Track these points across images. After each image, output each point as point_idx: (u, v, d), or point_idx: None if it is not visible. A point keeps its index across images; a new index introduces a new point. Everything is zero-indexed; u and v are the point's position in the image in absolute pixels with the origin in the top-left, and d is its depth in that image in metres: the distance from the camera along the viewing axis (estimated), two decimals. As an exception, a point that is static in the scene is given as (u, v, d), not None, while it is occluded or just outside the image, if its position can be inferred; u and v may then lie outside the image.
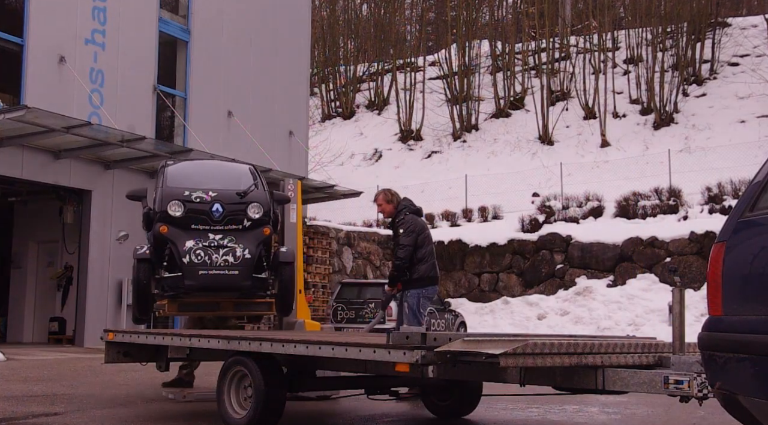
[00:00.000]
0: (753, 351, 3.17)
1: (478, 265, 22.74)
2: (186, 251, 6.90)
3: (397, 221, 7.73)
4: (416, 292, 7.58)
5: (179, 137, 18.77)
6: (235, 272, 6.96)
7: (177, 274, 6.94)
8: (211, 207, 7.01)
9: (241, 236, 7.05)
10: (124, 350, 6.83)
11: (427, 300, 7.73)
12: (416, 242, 7.58)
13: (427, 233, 7.79)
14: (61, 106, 14.83)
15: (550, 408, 7.03)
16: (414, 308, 7.58)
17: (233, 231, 7.08)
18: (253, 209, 7.17)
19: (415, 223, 7.69)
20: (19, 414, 6.28)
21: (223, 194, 7.18)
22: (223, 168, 8.25)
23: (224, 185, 7.38)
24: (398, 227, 7.68)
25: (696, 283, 19.02)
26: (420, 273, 7.58)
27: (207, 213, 7.02)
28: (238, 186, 7.38)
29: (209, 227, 7.01)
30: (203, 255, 6.92)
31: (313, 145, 27.24)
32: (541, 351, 4.10)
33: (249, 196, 7.24)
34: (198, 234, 6.99)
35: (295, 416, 6.37)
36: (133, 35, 17.22)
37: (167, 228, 6.92)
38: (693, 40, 32.28)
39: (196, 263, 6.90)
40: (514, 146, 30.89)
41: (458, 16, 36.02)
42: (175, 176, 7.39)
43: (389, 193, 7.99)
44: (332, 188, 20.33)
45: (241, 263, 6.98)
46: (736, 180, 21.08)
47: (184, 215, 6.98)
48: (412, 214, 7.77)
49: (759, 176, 3.54)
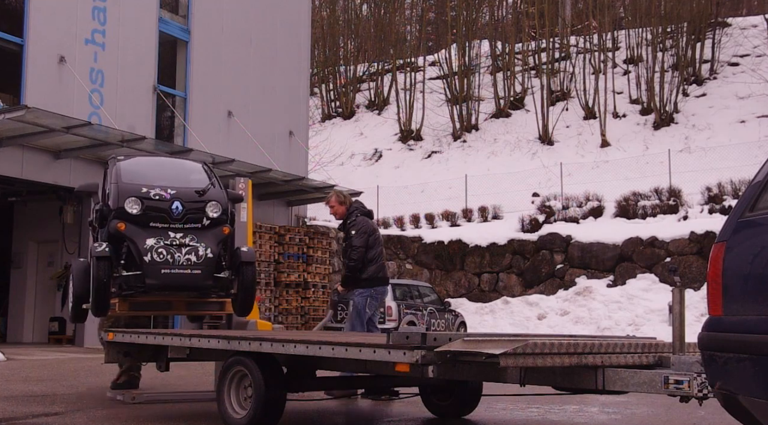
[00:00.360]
0: (753, 351, 3.17)
1: (478, 265, 22.74)
2: (147, 249, 6.78)
3: (349, 222, 7.89)
4: (364, 292, 7.77)
5: (179, 137, 18.77)
6: (197, 271, 6.88)
7: (137, 272, 6.80)
8: (171, 205, 6.91)
9: (201, 235, 6.98)
10: (124, 350, 6.85)
11: (375, 301, 7.89)
12: (367, 243, 7.77)
13: (377, 235, 8.04)
14: (61, 106, 14.83)
15: (550, 408, 7.03)
16: (360, 308, 7.74)
17: (193, 230, 6.98)
18: (211, 207, 7.07)
19: (366, 224, 7.89)
20: (19, 414, 6.28)
21: (182, 191, 7.08)
22: (178, 165, 8.13)
23: (181, 182, 7.30)
24: (350, 229, 7.84)
25: (696, 283, 19.02)
26: (369, 274, 7.79)
27: (166, 211, 6.90)
28: (194, 184, 7.32)
29: (168, 225, 6.90)
30: (165, 254, 6.79)
31: (313, 145, 27.23)
32: (541, 351, 4.10)
33: (207, 194, 7.16)
34: (158, 232, 6.88)
35: (295, 416, 6.37)
36: (133, 35, 17.22)
37: (125, 225, 6.80)
38: (693, 40, 32.27)
39: (158, 261, 6.78)
40: (514, 146, 30.89)
41: (458, 16, 36.02)
42: (130, 172, 7.26)
43: (341, 195, 8.19)
44: (332, 188, 20.32)
45: (203, 263, 6.90)
46: (736, 180, 21.08)
47: (142, 213, 6.85)
48: (363, 216, 7.96)
49: (759, 176, 3.54)
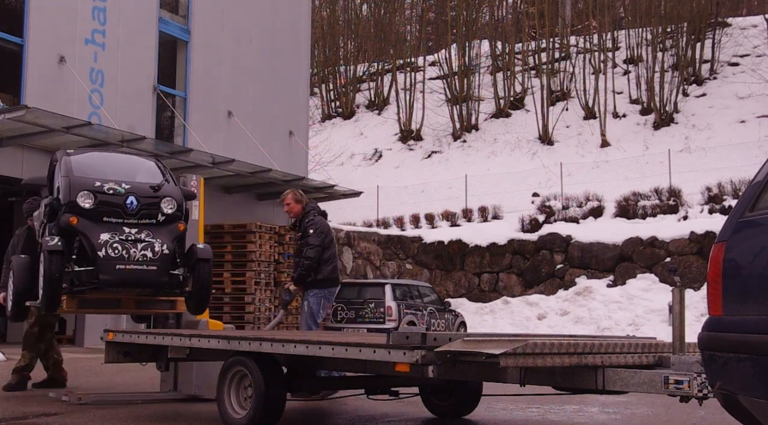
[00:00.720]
0: (753, 351, 3.17)
1: (478, 265, 22.74)
2: (101, 244, 6.59)
3: (307, 221, 7.87)
4: (319, 292, 7.77)
5: (179, 137, 18.77)
6: (153, 267, 6.72)
7: (89, 268, 6.60)
8: (125, 200, 6.75)
9: (156, 231, 6.83)
10: (124, 350, 6.81)
11: (328, 301, 7.90)
12: (323, 243, 7.77)
13: (332, 235, 8.01)
14: (61, 106, 14.83)
15: (550, 408, 7.03)
16: (314, 309, 7.72)
17: (148, 226, 6.83)
18: (166, 203, 6.92)
19: (323, 225, 7.88)
20: (19, 414, 6.28)
21: (136, 186, 6.93)
22: (130, 160, 7.98)
23: (134, 177, 7.16)
24: (308, 228, 7.81)
25: (696, 283, 19.02)
26: (324, 274, 7.78)
27: (120, 206, 6.74)
28: (148, 179, 7.18)
29: (122, 220, 6.74)
30: (120, 249, 6.62)
31: (313, 145, 27.23)
32: (541, 351, 4.10)
33: (162, 190, 7.00)
34: (112, 227, 6.69)
35: (295, 416, 6.37)
36: (133, 35, 17.22)
37: (77, 220, 6.61)
38: (693, 40, 32.28)
39: (113, 257, 6.59)
40: (514, 146, 30.90)
41: (458, 16, 36.03)
42: (82, 165, 7.09)
43: (298, 193, 8.09)
44: (332, 188, 20.33)
45: (159, 259, 6.75)
46: (736, 180, 21.09)
47: (95, 207, 6.67)
48: (320, 216, 7.93)
49: (759, 176, 3.54)
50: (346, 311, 16.74)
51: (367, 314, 16.52)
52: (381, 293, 16.65)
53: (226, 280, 17.85)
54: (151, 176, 7.26)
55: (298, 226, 8.00)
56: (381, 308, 16.44)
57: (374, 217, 25.66)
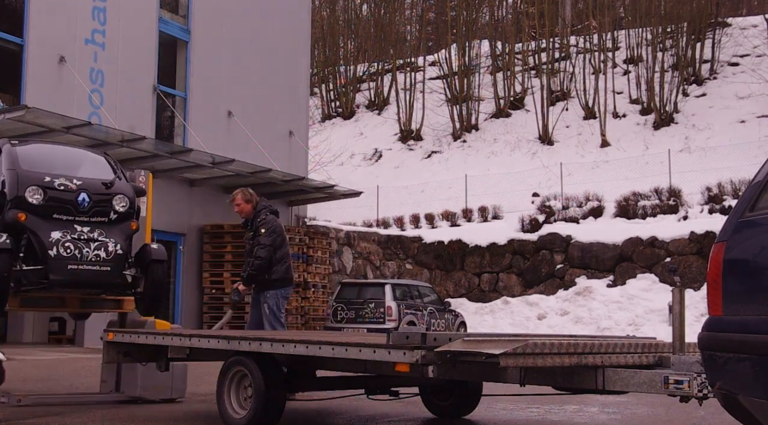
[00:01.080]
0: (753, 351, 3.17)
1: (478, 265, 22.74)
2: (52, 242, 6.29)
3: (259, 221, 7.75)
4: (275, 293, 7.69)
5: (179, 137, 18.77)
6: (107, 268, 6.50)
7: (38, 267, 6.31)
8: (77, 197, 6.45)
9: (109, 230, 6.57)
10: (124, 350, 6.73)
11: (285, 300, 7.82)
12: (275, 243, 7.68)
13: (285, 234, 7.93)
14: (61, 106, 14.82)
15: (550, 408, 7.03)
16: (274, 309, 7.65)
17: (100, 224, 6.55)
18: (118, 200, 6.66)
19: (275, 224, 7.77)
20: (19, 415, 6.28)
21: (88, 183, 6.62)
22: (80, 155, 7.62)
23: (85, 172, 6.84)
24: (260, 227, 7.70)
25: (696, 283, 19.02)
26: (279, 274, 7.69)
27: (72, 203, 6.44)
28: (98, 174, 6.91)
29: (74, 218, 6.44)
30: (73, 248, 6.35)
31: (313, 145, 27.23)
32: (541, 351, 4.10)
33: (114, 187, 6.74)
34: (63, 225, 6.39)
35: (295, 416, 6.37)
36: (133, 35, 17.22)
37: (25, 216, 6.28)
38: (693, 40, 32.29)
39: (65, 256, 6.32)
40: (514, 146, 30.90)
41: (458, 16, 36.03)
42: (29, 158, 6.77)
43: (248, 192, 7.96)
44: (332, 188, 20.33)
45: (113, 259, 6.52)
46: (736, 180, 21.10)
47: (45, 203, 6.35)
48: (272, 215, 7.83)
49: (759, 176, 3.54)
50: (346, 311, 16.75)
51: (367, 314, 16.53)
52: (381, 293, 16.66)
53: (226, 280, 17.87)
54: (101, 171, 6.98)
55: (250, 225, 7.86)
56: (381, 308, 16.45)
57: (374, 217, 25.66)
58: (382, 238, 22.90)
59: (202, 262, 17.97)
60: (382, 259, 22.60)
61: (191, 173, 17.61)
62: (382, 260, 22.58)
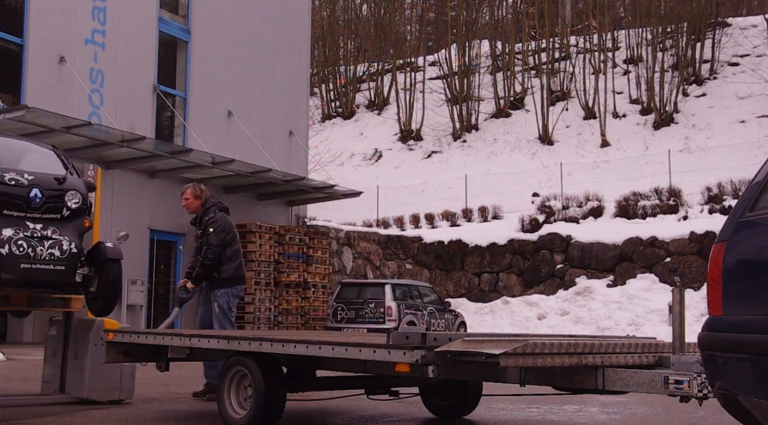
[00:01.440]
0: (753, 351, 3.16)
1: (478, 265, 22.74)
2: (4, 240, 6.02)
3: (207, 219, 7.56)
4: (226, 291, 7.54)
5: (179, 137, 18.77)
6: (61, 267, 6.23)
7: None
8: (29, 192, 6.14)
9: (62, 227, 6.30)
10: (124, 350, 6.67)
11: (236, 299, 7.67)
12: (225, 241, 7.52)
13: (235, 231, 7.74)
14: (61, 106, 14.83)
15: (550, 408, 7.03)
16: (225, 308, 7.52)
17: (52, 221, 6.26)
18: (71, 196, 6.37)
19: (225, 221, 7.59)
20: (19, 414, 6.28)
21: (40, 177, 6.29)
22: (26, 147, 7.29)
23: (35, 166, 6.50)
24: (208, 226, 7.51)
25: (696, 283, 19.03)
26: (230, 272, 7.55)
27: (23, 198, 6.12)
28: (49, 169, 6.60)
29: (25, 214, 6.14)
30: (26, 247, 6.07)
31: (313, 145, 27.24)
32: (541, 351, 4.09)
33: (66, 182, 6.44)
34: (14, 222, 6.09)
35: (295, 416, 6.37)
36: (133, 35, 17.22)
37: None
38: (693, 40, 32.30)
39: (18, 255, 6.03)
40: (514, 146, 30.90)
41: (458, 16, 36.04)
42: None
43: (198, 188, 7.73)
44: (332, 188, 20.34)
45: (67, 258, 6.26)
46: (736, 180, 21.10)
47: None
48: (222, 212, 7.66)
49: (759, 176, 3.54)
50: (346, 311, 16.75)
51: (367, 314, 16.53)
52: (381, 293, 16.66)
53: (226, 280, 17.84)
54: (52, 166, 6.70)
55: (199, 222, 7.67)
56: (381, 308, 16.45)
57: (374, 217, 25.66)
58: (382, 238, 22.90)
59: (202, 262, 17.93)
60: (382, 259, 22.60)
61: (191, 173, 17.61)
62: (382, 260, 22.59)
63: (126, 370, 7.12)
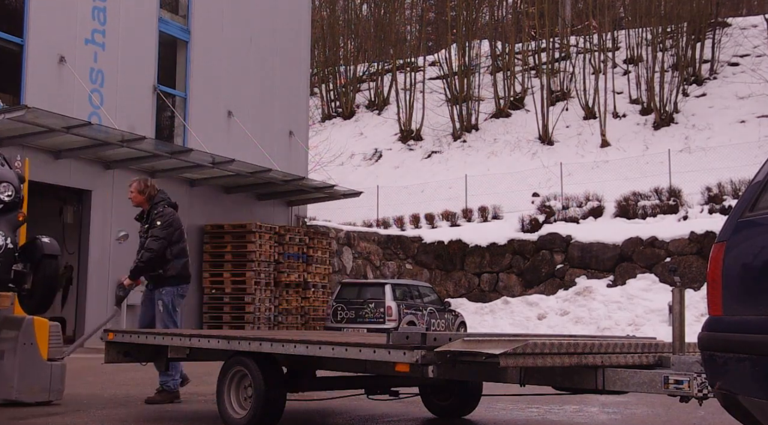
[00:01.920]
0: (753, 351, 3.17)
1: (478, 265, 22.74)
2: None
3: (156, 213, 7.31)
4: (171, 290, 7.28)
5: (179, 137, 18.77)
6: None
7: None
8: None
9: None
10: (124, 350, 6.67)
11: (181, 298, 7.43)
12: (172, 237, 7.27)
13: (183, 230, 7.48)
14: (61, 106, 14.82)
15: (550, 408, 7.03)
16: (169, 307, 7.26)
17: None
18: (3, 189, 6.11)
19: (174, 217, 7.35)
20: (19, 415, 6.28)
21: None
22: None
23: None
24: (156, 220, 7.26)
25: (696, 283, 19.03)
26: (177, 270, 7.29)
27: None
28: None
29: None
30: None
31: (313, 145, 27.24)
32: (541, 351, 4.10)
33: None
34: None
35: (295, 416, 6.37)
36: (133, 35, 17.22)
37: None
38: (693, 40, 32.30)
39: None
40: (514, 146, 30.90)
41: (458, 16, 36.03)
42: None
43: (143, 183, 7.47)
44: (332, 188, 20.34)
45: (2, 254, 5.97)
46: (736, 180, 21.10)
47: None
48: (170, 207, 7.44)
49: (759, 176, 3.54)
50: (346, 311, 16.75)
51: (367, 314, 16.53)
52: (381, 293, 16.66)
53: (226, 280, 17.87)
54: None
55: (145, 218, 7.42)
56: (381, 308, 16.45)
57: (374, 217, 25.66)
58: (382, 238, 22.90)
59: (203, 262, 17.96)
60: (382, 259, 22.61)
61: (191, 173, 17.61)
62: (382, 260, 22.59)
63: (56, 371, 6.86)
